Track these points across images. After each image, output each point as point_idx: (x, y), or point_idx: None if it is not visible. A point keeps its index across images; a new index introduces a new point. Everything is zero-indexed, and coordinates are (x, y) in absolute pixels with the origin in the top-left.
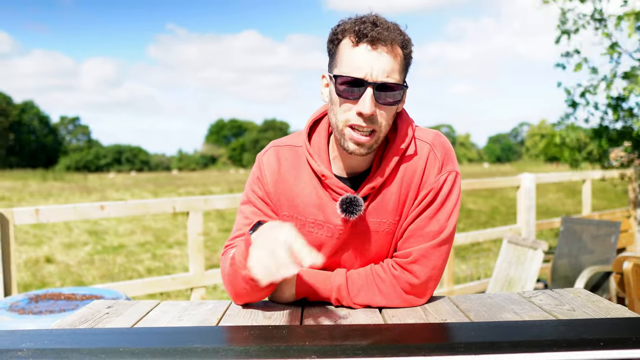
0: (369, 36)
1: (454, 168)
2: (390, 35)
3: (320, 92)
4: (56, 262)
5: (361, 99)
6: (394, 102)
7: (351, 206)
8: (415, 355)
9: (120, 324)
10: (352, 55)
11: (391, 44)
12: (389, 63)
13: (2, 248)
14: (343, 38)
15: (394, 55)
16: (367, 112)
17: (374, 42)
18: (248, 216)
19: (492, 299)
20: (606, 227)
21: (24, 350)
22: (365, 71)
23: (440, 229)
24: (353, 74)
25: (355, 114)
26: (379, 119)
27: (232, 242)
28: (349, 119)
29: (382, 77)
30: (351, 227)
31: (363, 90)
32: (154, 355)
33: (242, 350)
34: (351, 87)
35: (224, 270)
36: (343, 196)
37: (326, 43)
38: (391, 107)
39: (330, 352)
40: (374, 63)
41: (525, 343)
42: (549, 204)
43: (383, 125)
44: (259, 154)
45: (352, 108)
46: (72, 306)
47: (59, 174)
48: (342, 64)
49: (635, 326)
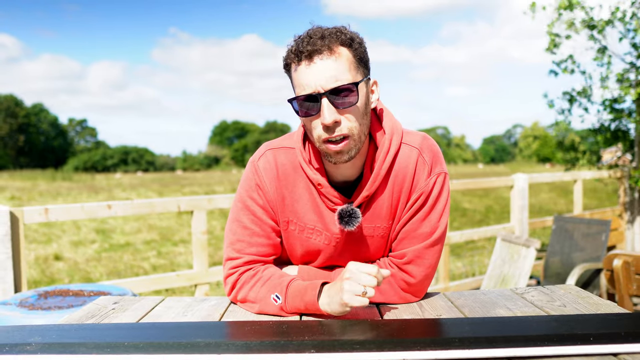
0: (305, 52)
1: (442, 169)
2: (325, 41)
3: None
4: (65, 260)
5: (321, 112)
6: (354, 103)
7: (349, 218)
8: (411, 349)
9: (126, 319)
10: (298, 75)
11: (329, 49)
12: (332, 68)
13: (12, 246)
14: (290, 62)
15: (336, 57)
16: (327, 121)
17: (310, 56)
18: (248, 225)
19: (486, 296)
20: (597, 226)
21: (32, 345)
22: (313, 85)
23: (433, 229)
24: (304, 92)
25: (322, 127)
26: (345, 123)
27: (239, 256)
28: (320, 134)
29: (331, 84)
30: (347, 234)
31: (319, 104)
32: (158, 349)
33: (243, 345)
34: (308, 104)
35: (257, 302)
36: (341, 208)
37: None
38: (354, 108)
39: (328, 347)
40: (317, 74)
41: (518, 338)
42: (541, 203)
43: (354, 127)
44: (252, 157)
45: (318, 123)
46: (80, 302)
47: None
48: (295, 87)
49: (624, 321)
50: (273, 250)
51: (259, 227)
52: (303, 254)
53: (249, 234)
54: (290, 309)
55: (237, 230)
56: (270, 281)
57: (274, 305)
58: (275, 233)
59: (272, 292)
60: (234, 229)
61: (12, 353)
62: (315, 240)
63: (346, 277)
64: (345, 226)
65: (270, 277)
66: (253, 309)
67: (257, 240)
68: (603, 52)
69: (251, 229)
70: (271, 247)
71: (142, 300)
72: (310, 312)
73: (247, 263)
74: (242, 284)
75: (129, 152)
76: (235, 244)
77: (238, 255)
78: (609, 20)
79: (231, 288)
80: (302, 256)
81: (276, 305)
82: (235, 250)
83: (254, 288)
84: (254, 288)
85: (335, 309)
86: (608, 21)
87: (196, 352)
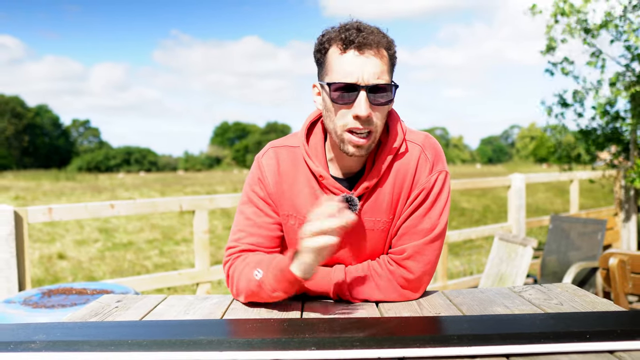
0: (355, 42)
1: (444, 168)
2: (375, 38)
3: (313, 101)
4: (68, 259)
5: (356, 103)
6: (387, 102)
7: (348, 205)
8: (410, 346)
9: (129, 317)
10: (341, 62)
11: (377, 47)
12: (378, 65)
13: (16, 245)
14: (330, 47)
15: (381, 57)
16: (363, 114)
17: (360, 47)
18: (250, 217)
19: (484, 294)
20: (593, 225)
21: (37, 342)
22: (357, 76)
23: (433, 226)
24: (345, 79)
25: (352, 117)
26: (374, 120)
27: (237, 245)
28: (346, 123)
29: (373, 80)
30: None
31: (357, 94)
32: (161, 347)
33: (245, 342)
34: (345, 92)
35: (242, 281)
36: (340, 195)
37: (313, 53)
38: (384, 107)
39: (329, 344)
40: (364, 67)
41: (515, 335)
42: (538, 203)
43: (378, 126)
44: (257, 155)
45: (348, 113)
46: (83, 300)
47: (71, 175)
48: (333, 72)
49: (620, 319)
50: (271, 242)
51: (260, 219)
52: None
53: (250, 224)
54: (267, 281)
55: (240, 221)
56: (256, 262)
57: (255, 281)
58: (277, 226)
59: (254, 269)
60: (237, 221)
61: (16, 351)
62: None
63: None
64: None
65: (259, 260)
66: (241, 293)
67: (256, 230)
68: (598, 56)
69: (252, 220)
70: (270, 239)
71: (145, 298)
72: (285, 283)
73: (243, 251)
74: (233, 270)
75: (132, 152)
76: (236, 234)
77: (236, 244)
78: (603, 24)
79: (226, 276)
80: None
81: (256, 280)
82: (234, 240)
83: (243, 271)
84: (243, 271)
85: (304, 262)
86: (602, 24)
87: (198, 349)
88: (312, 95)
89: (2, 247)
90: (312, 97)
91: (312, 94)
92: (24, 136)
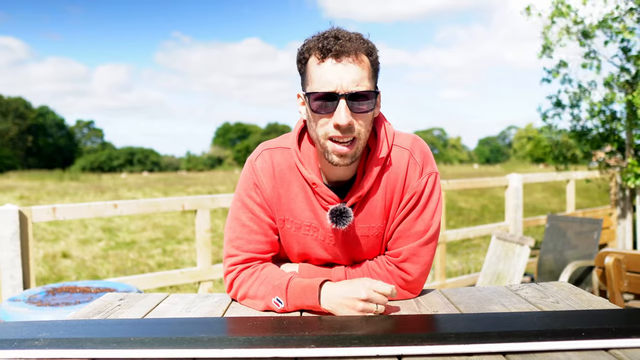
0: (332, 50)
1: (433, 169)
2: (352, 45)
3: (299, 111)
4: (72, 257)
5: (336, 111)
6: (369, 110)
7: (341, 217)
8: (408, 344)
9: (132, 315)
10: (320, 71)
11: (355, 54)
12: (357, 72)
13: (21, 244)
14: (309, 56)
15: (360, 64)
16: (343, 122)
17: (338, 55)
18: (246, 223)
19: (481, 292)
20: (589, 224)
21: (41, 340)
22: (335, 84)
23: (426, 227)
24: (324, 89)
25: (333, 126)
26: (356, 127)
27: (238, 253)
28: (327, 132)
29: (353, 87)
30: (342, 233)
31: (337, 103)
32: (162, 344)
33: (245, 340)
34: (324, 101)
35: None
36: (332, 207)
37: (295, 63)
38: (367, 114)
39: (328, 342)
40: (342, 75)
41: (512, 333)
42: (535, 203)
43: (362, 133)
44: (250, 157)
45: (328, 121)
46: (87, 298)
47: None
48: (313, 81)
49: (616, 317)
50: (271, 247)
51: (257, 225)
52: (300, 252)
53: (247, 231)
54: (288, 309)
55: (236, 227)
56: (268, 280)
57: (276, 308)
58: (273, 231)
59: (271, 294)
60: (233, 227)
61: (21, 348)
62: (312, 236)
63: (362, 298)
64: (337, 225)
65: (268, 276)
66: (256, 306)
67: (255, 237)
68: (593, 57)
69: (249, 227)
70: (269, 245)
71: (147, 296)
72: (305, 309)
73: (246, 260)
74: (240, 282)
75: (135, 152)
76: (234, 241)
77: (237, 253)
78: (599, 24)
79: (230, 285)
80: (299, 254)
81: (278, 309)
82: (234, 248)
83: (252, 286)
84: (252, 286)
85: (342, 313)
86: (597, 25)
87: (199, 347)
88: (298, 105)
89: (7, 246)
90: (298, 107)
91: (297, 104)
92: (28, 137)
